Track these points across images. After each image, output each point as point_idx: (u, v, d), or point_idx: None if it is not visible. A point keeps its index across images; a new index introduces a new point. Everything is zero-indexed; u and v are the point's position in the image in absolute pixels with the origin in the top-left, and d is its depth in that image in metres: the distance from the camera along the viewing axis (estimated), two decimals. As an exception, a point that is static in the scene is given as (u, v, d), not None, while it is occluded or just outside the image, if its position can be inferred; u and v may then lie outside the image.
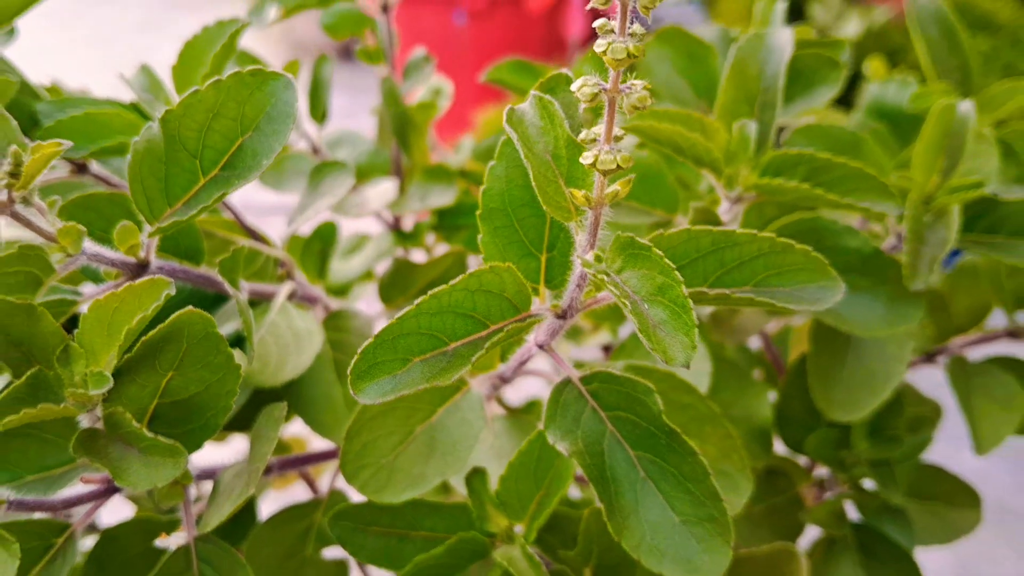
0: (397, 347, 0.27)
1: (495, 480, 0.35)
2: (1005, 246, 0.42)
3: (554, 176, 0.27)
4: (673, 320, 0.25)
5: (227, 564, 0.32)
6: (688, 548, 0.28)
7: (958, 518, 0.49)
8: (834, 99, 0.48)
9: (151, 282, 0.27)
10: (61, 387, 0.27)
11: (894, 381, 0.42)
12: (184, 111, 0.30)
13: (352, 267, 0.57)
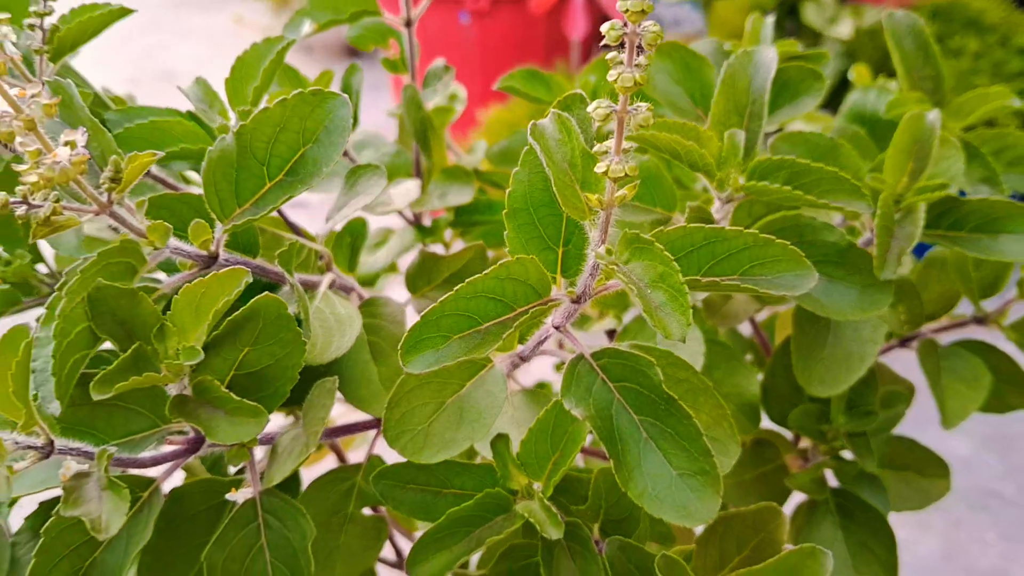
0: (440, 326, 0.33)
1: (516, 444, 0.40)
2: (968, 240, 0.47)
3: (571, 181, 0.33)
4: (671, 302, 0.30)
5: (288, 513, 0.37)
6: (683, 496, 0.34)
7: (929, 486, 0.54)
8: (820, 105, 0.53)
9: (233, 271, 0.32)
10: (157, 359, 0.32)
11: (868, 361, 0.47)
12: (255, 125, 0.35)
13: (378, 259, 0.62)
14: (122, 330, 0.32)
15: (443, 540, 0.39)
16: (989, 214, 0.46)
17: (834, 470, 0.51)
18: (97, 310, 0.31)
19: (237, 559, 0.37)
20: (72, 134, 0.32)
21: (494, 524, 0.39)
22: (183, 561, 0.41)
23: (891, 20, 0.59)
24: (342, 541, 0.45)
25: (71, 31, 0.44)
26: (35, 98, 0.31)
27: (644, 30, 0.28)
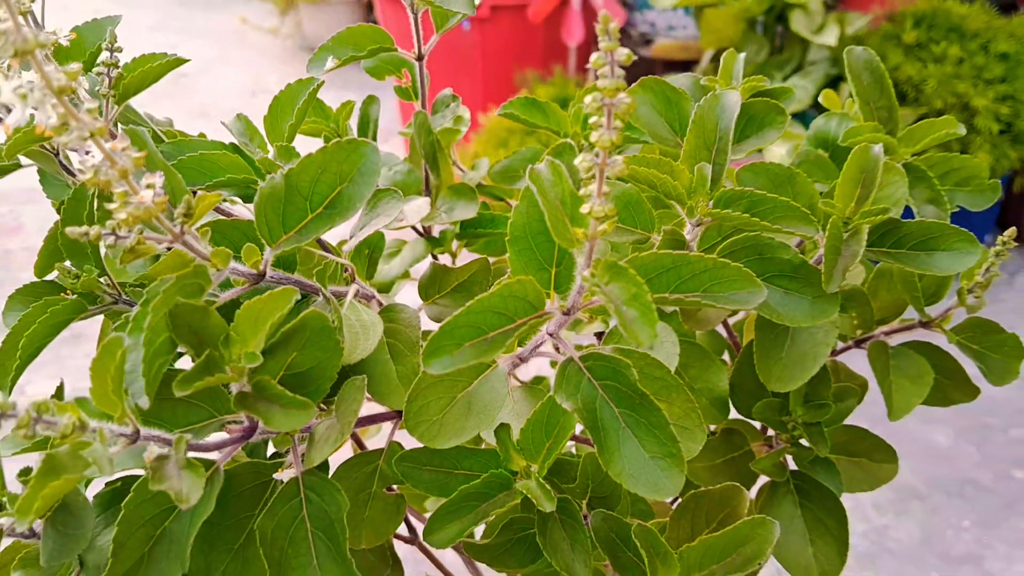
0: (454, 335, 0.40)
1: (516, 432, 0.48)
2: (908, 257, 0.55)
3: (562, 216, 0.40)
4: (642, 317, 0.37)
5: (326, 489, 0.45)
6: (654, 475, 0.41)
7: (878, 470, 0.62)
8: (810, 106, 0.61)
9: (285, 291, 0.40)
10: (224, 363, 0.39)
11: (820, 360, 0.54)
12: (301, 168, 0.42)
13: (393, 267, 0.69)
14: (196, 339, 0.39)
15: (455, 513, 0.46)
16: (926, 234, 0.54)
17: (793, 456, 0.59)
18: (176, 323, 0.39)
19: (283, 527, 0.44)
20: (151, 178, 0.39)
21: (497, 499, 0.47)
22: (232, 531, 0.48)
23: (850, 56, 0.66)
24: (367, 515, 0.52)
25: (134, 79, 0.51)
26: (126, 151, 0.38)
27: (619, 101, 0.35)
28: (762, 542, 0.44)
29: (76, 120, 0.35)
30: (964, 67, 2.33)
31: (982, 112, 2.30)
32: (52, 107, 0.35)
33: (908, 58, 2.35)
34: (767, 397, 0.58)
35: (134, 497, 0.42)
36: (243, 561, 0.48)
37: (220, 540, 0.48)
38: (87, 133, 0.35)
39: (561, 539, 0.47)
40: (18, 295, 0.57)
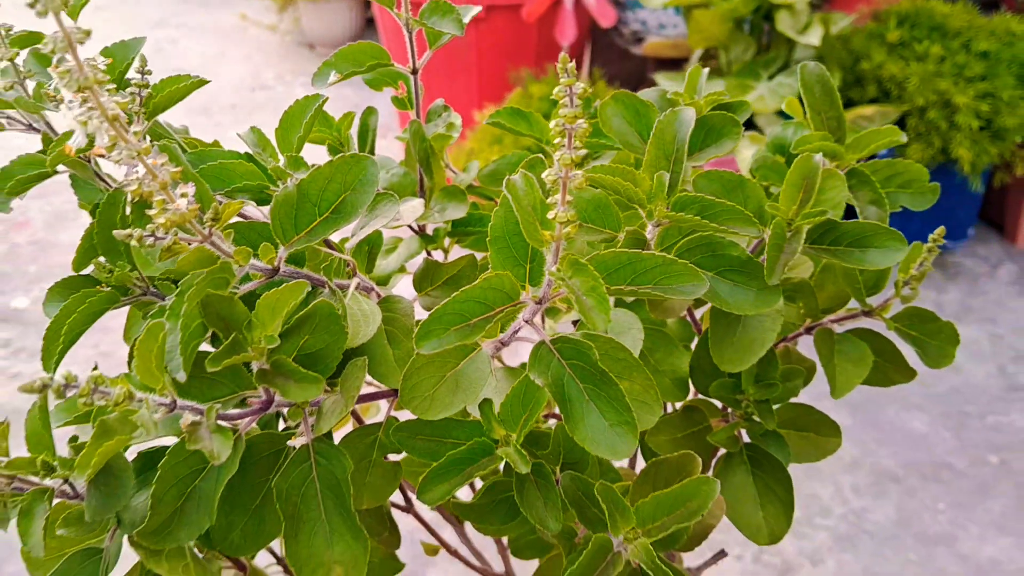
0: (442, 321, 0.47)
1: (497, 406, 0.55)
2: (845, 253, 0.62)
3: (533, 220, 0.47)
4: (598, 305, 0.45)
5: (333, 454, 0.52)
6: (612, 439, 0.48)
7: (824, 443, 0.69)
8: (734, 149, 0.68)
9: (298, 284, 0.47)
10: (247, 344, 0.47)
11: (767, 345, 0.61)
12: (311, 179, 0.50)
13: (390, 263, 0.76)
14: (223, 324, 0.46)
15: (443, 475, 0.54)
16: (860, 233, 0.61)
17: (746, 429, 0.66)
18: (207, 310, 0.46)
19: (296, 487, 0.52)
20: (185, 188, 0.46)
21: (481, 463, 0.54)
22: (250, 493, 0.55)
23: (803, 71, 0.73)
24: (368, 480, 0.60)
25: (162, 98, 0.58)
26: (164, 166, 0.45)
27: (578, 126, 0.43)
28: (705, 497, 0.51)
29: (126, 142, 0.42)
30: (946, 65, 2.39)
31: (963, 109, 2.37)
32: (106, 131, 0.42)
33: (891, 56, 2.42)
34: (722, 378, 0.65)
35: (168, 460, 0.50)
36: (259, 520, 0.56)
37: (239, 502, 0.55)
38: (135, 152, 0.43)
39: (536, 498, 0.54)
40: (57, 288, 0.64)
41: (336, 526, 0.52)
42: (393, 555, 0.82)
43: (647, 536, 0.51)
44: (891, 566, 1.72)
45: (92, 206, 0.66)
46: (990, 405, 2.15)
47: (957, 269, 2.69)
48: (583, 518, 0.54)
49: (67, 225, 3.10)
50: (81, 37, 0.39)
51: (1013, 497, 1.89)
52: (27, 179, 0.66)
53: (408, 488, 0.82)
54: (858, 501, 1.88)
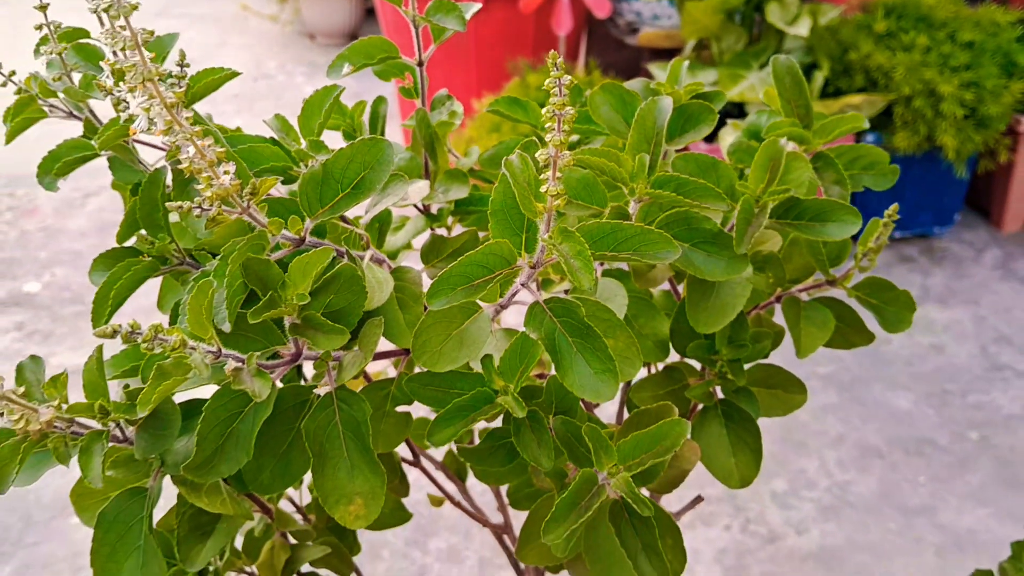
0: (449, 282, 0.55)
1: (497, 360, 0.62)
2: (806, 227, 0.69)
3: (528, 194, 0.54)
4: (583, 267, 0.52)
5: (354, 400, 0.59)
6: (596, 384, 0.56)
7: (790, 399, 0.76)
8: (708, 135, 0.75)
9: (325, 250, 0.54)
10: (281, 301, 0.54)
11: (738, 309, 0.69)
12: (335, 159, 0.57)
13: (399, 239, 0.84)
14: (261, 284, 0.54)
15: (449, 420, 0.61)
16: (819, 209, 0.68)
17: (720, 386, 0.73)
18: (247, 272, 0.53)
19: (322, 428, 0.59)
20: (228, 166, 0.54)
21: (482, 410, 0.61)
22: (277, 439, 0.63)
23: (776, 63, 0.80)
24: (382, 427, 0.67)
25: (199, 88, 0.65)
26: (211, 147, 0.52)
27: (566, 113, 0.50)
28: (677, 436, 0.59)
29: (180, 126, 0.50)
30: (931, 55, 2.47)
31: (948, 98, 2.44)
32: (162, 117, 0.49)
33: (878, 46, 2.49)
34: (699, 339, 0.72)
35: (211, 404, 0.57)
36: (286, 463, 0.63)
37: (268, 447, 0.63)
38: (188, 135, 0.50)
39: (531, 440, 0.62)
40: (101, 259, 0.71)
41: (356, 462, 0.59)
42: (402, 506, 0.90)
43: (628, 471, 0.59)
44: (872, 535, 1.80)
45: (132, 185, 0.74)
46: (972, 384, 2.23)
47: (943, 254, 2.76)
48: (572, 456, 0.62)
49: (74, 212, 3.17)
50: (146, 37, 0.46)
51: (991, 471, 1.97)
52: (73, 161, 0.73)
53: (413, 447, 0.90)
54: (842, 475, 1.96)
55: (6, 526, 1.84)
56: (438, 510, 1.87)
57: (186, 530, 0.68)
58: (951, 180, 2.72)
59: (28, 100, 0.75)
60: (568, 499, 0.58)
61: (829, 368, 2.27)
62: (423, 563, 1.75)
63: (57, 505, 1.89)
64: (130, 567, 0.62)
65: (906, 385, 2.22)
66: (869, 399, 2.17)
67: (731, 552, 1.77)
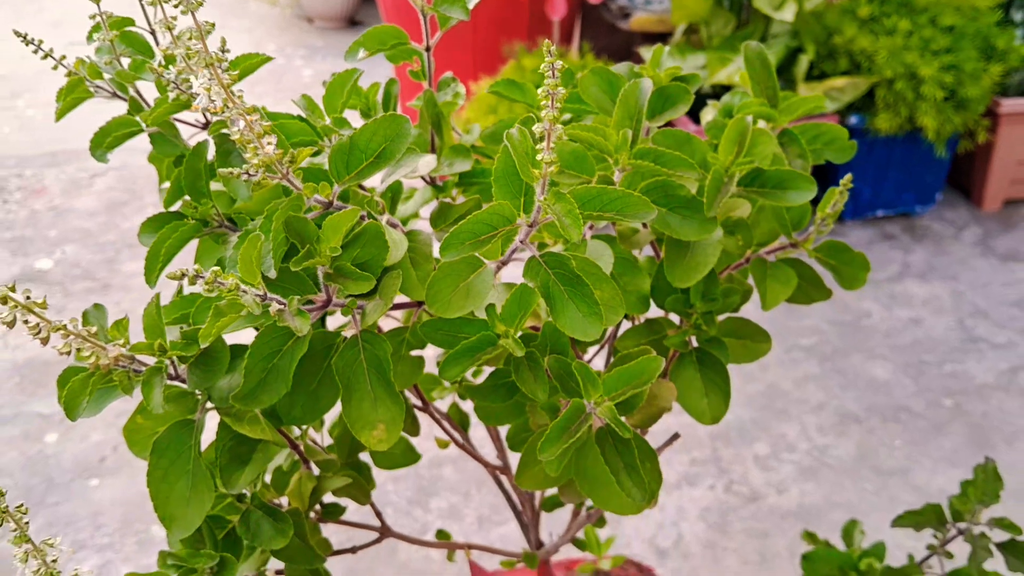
0: (459, 237, 0.64)
1: (499, 309, 0.72)
2: (770, 194, 0.79)
3: (526, 162, 0.64)
4: (572, 223, 0.62)
5: (377, 341, 0.69)
6: (585, 324, 0.65)
7: (757, 347, 0.86)
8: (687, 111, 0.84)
9: (354, 210, 0.64)
10: (316, 254, 0.64)
11: (710, 265, 0.78)
12: (361, 131, 0.66)
13: (408, 207, 0.93)
14: (299, 238, 0.63)
15: (458, 359, 0.71)
16: (781, 178, 0.78)
17: (695, 336, 0.83)
18: (288, 228, 0.63)
19: (349, 365, 0.69)
20: (271, 138, 0.63)
21: (486, 351, 0.71)
22: (308, 378, 0.72)
23: (747, 49, 0.90)
24: (398, 369, 0.77)
25: (240, 71, 0.75)
26: (258, 121, 0.62)
27: (559, 92, 0.59)
28: (653, 370, 0.68)
29: (234, 103, 0.59)
30: (913, 39, 2.56)
31: (928, 81, 2.53)
32: (220, 96, 0.59)
33: (862, 31, 2.58)
34: (676, 294, 0.82)
35: (256, 342, 0.67)
36: (316, 399, 0.73)
37: (301, 385, 0.73)
38: (240, 110, 0.59)
39: (528, 376, 0.71)
40: (149, 222, 0.80)
41: (379, 394, 0.69)
42: (412, 448, 1.00)
43: (611, 401, 0.69)
44: (849, 494, 1.91)
45: (174, 158, 0.83)
46: (948, 355, 2.34)
47: (924, 232, 2.86)
48: (564, 389, 0.71)
49: (82, 192, 3.26)
50: (209, 29, 0.56)
51: (964, 436, 2.08)
52: (121, 136, 0.82)
53: (421, 397, 0.99)
54: (822, 439, 2.06)
55: (29, 487, 1.94)
56: (439, 472, 1.98)
57: (227, 459, 0.77)
58: (932, 161, 2.81)
59: (77, 82, 0.85)
60: (560, 423, 0.68)
61: (811, 340, 2.37)
62: (425, 521, 1.86)
63: (77, 468, 1.99)
64: (181, 488, 0.72)
65: (885, 356, 2.32)
66: (849, 369, 2.28)
67: (715, 510, 1.88)
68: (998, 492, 0.97)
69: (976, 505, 0.98)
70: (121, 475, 1.99)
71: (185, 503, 0.72)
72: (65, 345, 0.65)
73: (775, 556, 1.77)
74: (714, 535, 1.82)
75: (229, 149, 0.74)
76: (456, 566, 1.72)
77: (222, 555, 0.77)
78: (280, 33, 4.74)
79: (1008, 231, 2.85)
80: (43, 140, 3.60)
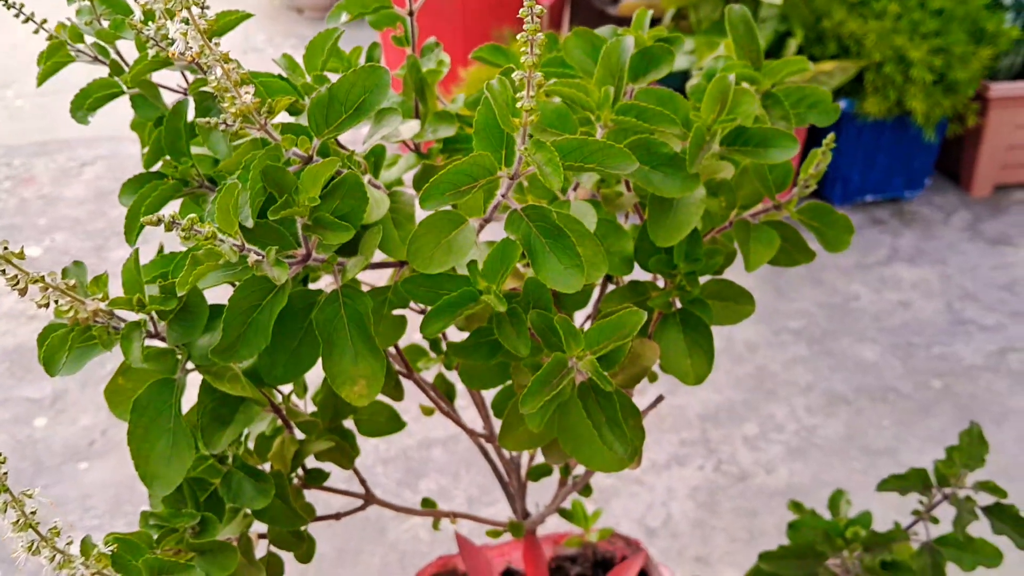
0: (439, 187, 0.64)
1: (480, 266, 0.72)
2: (752, 152, 0.79)
3: (506, 112, 0.64)
4: (554, 172, 0.61)
5: (357, 296, 0.69)
6: (566, 277, 0.65)
7: (740, 309, 0.86)
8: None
9: (332, 160, 0.63)
10: (294, 204, 0.63)
11: (692, 224, 0.78)
12: (340, 84, 0.66)
13: (392, 173, 0.93)
14: (277, 188, 0.63)
15: (439, 315, 0.70)
16: (763, 136, 0.78)
17: (678, 296, 0.83)
18: (266, 177, 0.62)
19: (330, 320, 0.69)
20: (248, 88, 0.63)
21: (468, 306, 0.71)
22: (290, 335, 0.72)
23: (730, 12, 0.89)
24: (380, 328, 0.77)
25: (219, 26, 0.74)
26: (235, 69, 0.61)
27: (537, 38, 0.59)
28: (634, 324, 0.68)
29: (211, 49, 0.59)
30: (902, 22, 2.56)
31: (917, 64, 2.54)
32: (197, 41, 0.58)
33: (851, 15, 2.58)
34: (659, 254, 0.82)
35: (235, 295, 0.66)
36: (297, 357, 0.73)
37: (281, 344, 0.72)
38: (217, 56, 0.59)
39: (510, 331, 0.71)
40: (129, 183, 0.80)
41: (359, 349, 0.69)
42: (397, 416, 0.99)
43: (593, 355, 0.69)
44: (837, 473, 1.92)
45: (155, 119, 0.83)
46: (936, 337, 2.35)
47: (913, 216, 2.87)
48: (547, 343, 0.71)
49: (71, 181, 3.24)
50: (183, -28, 0.55)
51: (951, 416, 2.08)
52: (102, 97, 0.82)
53: (401, 364, 0.99)
54: (810, 419, 2.07)
55: (18, 471, 1.94)
56: (428, 454, 1.98)
57: (208, 420, 0.77)
58: (921, 146, 2.82)
59: (59, 45, 0.84)
60: (542, 377, 0.67)
61: (800, 323, 2.38)
62: (414, 501, 1.86)
63: (67, 452, 1.99)
64: (162, 446, 0.72)
65: (873, 338, 2.33)
66: (838, 351, 2.28)
67: (704, 489, 1.88)
68: (983, 456, 0.98)
69: (961, 470, 0.98)
70: (110, 458, 1.99)
71: (166, 461, 0.71)
72: (43, 297, 0.65)
73: (763, 534, 1.77)
74: (703, 514, 1.83)
75: (209, 107, 0.74)
76: (444, 543, 1.71)
77: (203, 515, 0.77)
78: (270, 23, 4.73)
79: (997, 216, 2.86)
80: (32, 130, 3.58)
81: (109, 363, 1.89)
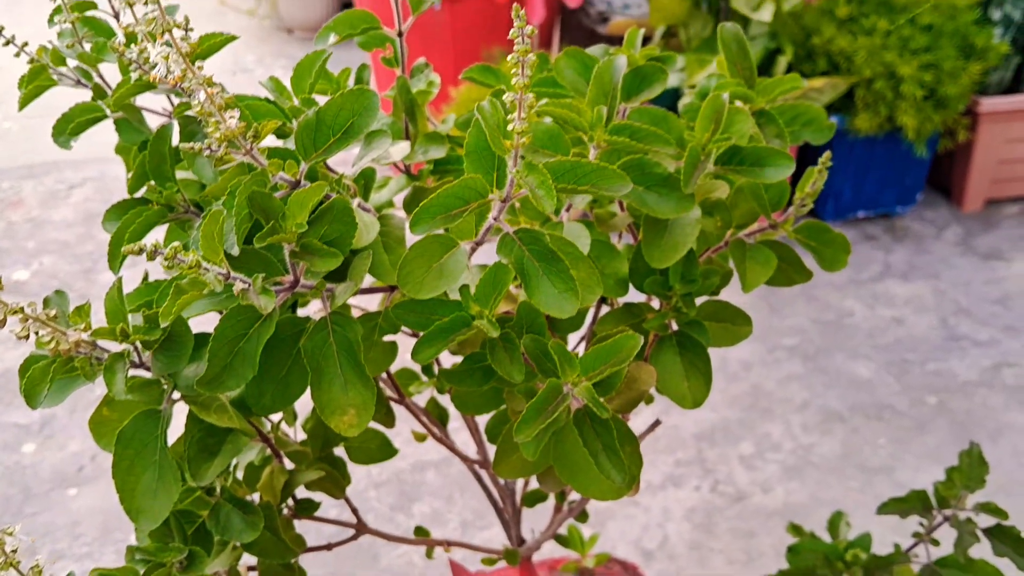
0: (429, 211, 0.62)
1: (473, 290, 0.70)
2: (747, 171, 0.77)
3: (497, 134, 0.62)
4: (546, 195, 0.60)
5: (347, 323, 0.67)
6: (560, 301, 0.64)
7: (737, 331, 0.85)
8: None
9: (320, 184, 0.62)
10: (281, 230, 0.62)
11: (688, 245, 0.77)
12: (327, 107, 0.65)
13: (382, 195, 0.91)
14: (263, 214, 0.62)
15: (431, 341, 0.69)
16: (758, 155, 0.77)
17: (675, 318, 0.82)
18: (252, 203, 0.61)
19: (319, 348, 0.67)
20: (233, 112, 0.61)
21: (460, 332, 0.69)
22: (278, 364, 0.70)
23: (723, 30, 0.88)
24: (371, 355, 0.75)
25: (203, 49, 0.73)
26: (219, 94, 0.60)
27: (528, 59, 0.58)
28: (631, 348, 0.67)
29: (193, 73, 0.57)
30: (892, 38, 2.57)
31: (907, 80, 2.54)
32: (178, 65, 0.57)
33: (841, 31, 2.59)
34: (654, 275, 0.81)
35: (221, 325, 0.65)
36: (285, 386, 0.71)
37: (269, 374, 0.70)
38: (200, 80, 0.58)
39: (504, 357, 0.69)
40: (113, 209, 0.78)
41: (349, 377, 0.67)
42: (389, 443, 0.98)
43: (589, 381, 0.67)
44: (834, 492, 1.90)
45: (139, 143, 0.81)
46: (931, 353, 2.34)
47: (905, 232, 2.87)
48: (541, 369, 0.70)
49: (59, 204, 3.22)
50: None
51: (947, 433, 2.07)
52: (84, 122, 0.80)
53: (392, 386, 0.97)
54: (806, 438, 2.05)
55: (7, 497, 1.90)
56: (422, 477, 1.95)
57: (195, 451, 0.75)
58: (913, 161, 2.82)
59: (40, 69, 0.83)
60: (537, 404, 0.66)
61: (794, 340, 2.36)
62: (407, 526, 1.83)
63: (55, 478, 1.96)
64: (148, 479, 0.70)
65: (868, 355, 2.32)
66: (832, 368, 2.27)
67: (700, 511, 1.86)
68: (983, 477, 0.96)
69: (962, 491, 0.96)
70: (99, 484, 1.96)
71: (152, 495, 0.69)
72: (23, 329, 0.63)
73: (761, 555, 1.75)
74: (700, 535, 1.81)
75: (194, 131, 0.72)
76: (439, 569, 1.69)
77: (191, 549, 0.75)
78: (259, 44, 4.73)
79: (989, 230, 2.86)
80: (20, 152, 3.56)
81: (99, 387, 1.86)
